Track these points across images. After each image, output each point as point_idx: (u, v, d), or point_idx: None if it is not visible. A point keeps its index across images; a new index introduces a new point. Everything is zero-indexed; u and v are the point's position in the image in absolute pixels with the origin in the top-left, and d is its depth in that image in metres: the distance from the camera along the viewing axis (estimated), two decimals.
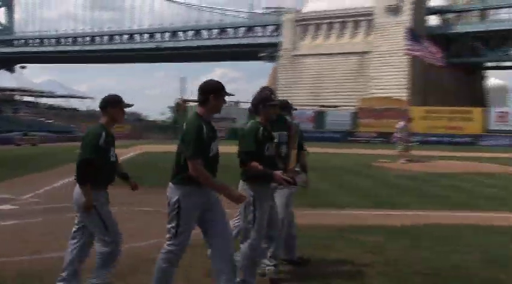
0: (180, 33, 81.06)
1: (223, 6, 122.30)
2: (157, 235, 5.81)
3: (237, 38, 75.60)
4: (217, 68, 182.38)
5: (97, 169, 3.79)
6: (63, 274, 3.91)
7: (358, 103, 52.81)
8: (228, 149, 6.42)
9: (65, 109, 74.75)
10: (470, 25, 61.39)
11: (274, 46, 69.27)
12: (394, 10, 60.59)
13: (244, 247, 4.04)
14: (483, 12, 63.35)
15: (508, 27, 57.87)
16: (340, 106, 55.44)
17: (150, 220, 7.15)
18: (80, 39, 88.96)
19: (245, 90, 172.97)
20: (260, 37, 74.28)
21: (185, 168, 3.53)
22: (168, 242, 3.64)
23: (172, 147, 4.05)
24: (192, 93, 62.56)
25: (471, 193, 10.78)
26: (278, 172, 3.95)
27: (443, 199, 9.87)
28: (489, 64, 66.90)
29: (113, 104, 3.99)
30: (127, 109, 4.26)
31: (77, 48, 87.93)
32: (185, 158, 3.53)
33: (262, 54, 68.94)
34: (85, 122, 45.63)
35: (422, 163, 18.69)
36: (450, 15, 63.92)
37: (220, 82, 3.71)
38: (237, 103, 74.11)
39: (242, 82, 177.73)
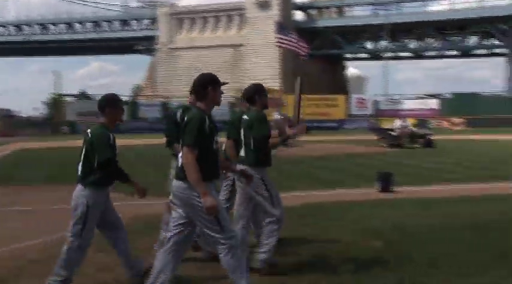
0: (51, 26, 75.54)
1: None
2: (39, 235, 5.51)
3: (112, 31, 72.45)
4: (94, 61, 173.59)
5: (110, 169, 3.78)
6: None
7: (235, 94, 53.66)
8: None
9: None
10: (331, 20, 65.46)
11: (151, 39, 67.59)
12: (264, 5, 62.32)
13: (269, 224, 4.23)
14: (341, 9, 67.82)
15: (362, 23, 62.57)
16: None
17: (29, 220, 6.60)
18: None
19: (123, 84, 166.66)
20: (136, 31, 71.97)
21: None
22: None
23: (51, 144, 3.74)
24: (67, 88, 58.72)
25: (347, 171, 11.51)
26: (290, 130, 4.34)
27: (317, 179, 10.43)
28: (348, 55, 71.86)
29: (111, 104, 3.91)
30: None
31: None
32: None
33: (138, 48, 66.85)
34: None
35: (301, 148, 19.48)
36: (313, 11, 67.39)
37: (214, 74, 3.62)
38: None
39: (120, 75, 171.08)
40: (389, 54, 63.90)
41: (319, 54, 61.01)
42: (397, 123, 21.61)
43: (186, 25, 67.55)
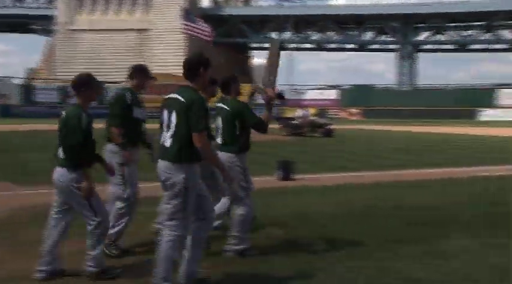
0: None
1: None
2: None
3: (4, 7, 66.69)
4: None
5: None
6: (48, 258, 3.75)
7: None
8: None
9: None
10: (236, 9, 65.68)
11: (49, 19, 63.22)
12: None
13: (241, 211, 4.37)
14: None
15: (267, 13, 63.58)
16: (121, 82, 53.82)
17: None
18: None
19: (18, 65, 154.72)
20: (32, 8, 66.89)
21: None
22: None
23: None
24: None
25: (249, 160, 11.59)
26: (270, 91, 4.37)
27: None
28: (253, 45, 72.65)
29: (87, 85, 3.83)
30: None
31: None
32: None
33: (34, 27, 62.22)
34: None
35: None
36: None
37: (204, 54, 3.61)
38: (9, 78, 65.76)
39: (14, 56, 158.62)
40: (293, 45, 65.68)
41: (225, 42, 61.09)
42: (299, 112, 22.31)
43: (87, 5, 64.01)
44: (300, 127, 21.46)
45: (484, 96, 50.26)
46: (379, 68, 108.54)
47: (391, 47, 65.05)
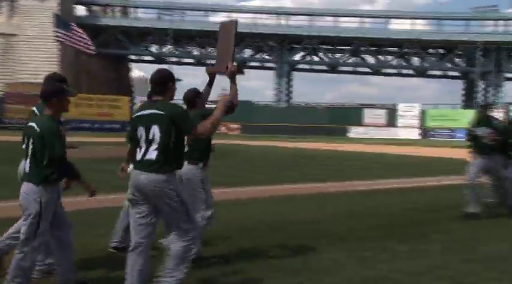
0: None
1: None
2: None
3: None
4: None
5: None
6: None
7: (5, 88, 47.75)
8: None
9: None
10: (114, 19, 63.65)
11: None
12: None
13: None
14: (125, 9, 66.53)
15: (146, 25, 62.51)
16: None
17: None
18: None
19: None
20: None
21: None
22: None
23: None
24: None
25: None
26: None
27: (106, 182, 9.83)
28: (133, 57, 70.79)
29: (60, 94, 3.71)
30: None
31: None
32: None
33: None
34: None
35: (82, 150, 18.24)
36: (97, 8, 64.52)
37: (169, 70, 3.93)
38: None
39: None
40: (173, 59, 65.20)
41: (104, 53, 58.65)
42: None
43: None
44: None
45: (352, 114, 54.32)
46: (258, 85, 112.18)
47: (269, 65, 67.66)
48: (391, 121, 52.82)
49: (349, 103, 58.88)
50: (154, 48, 67.48)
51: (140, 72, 78.43)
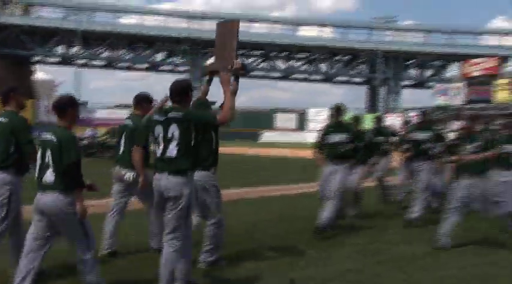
0: None
1: None
2: None
3: None
4: None
5: None
6: None
7: None
8: None
9: None
10: (14, 17, 59.35)
11: None
12: None
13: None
14: (26, 7, 62.33)
15: (52, 25, 59.09)
16: None
17: None
18: None
19: None
20: None
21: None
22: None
23: None
24: None
25: None
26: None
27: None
28: (37, 58, 66.61)
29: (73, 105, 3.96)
30: None
31: None
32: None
33: None
34: None
35: None
36: None
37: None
38: None
39: None
40: (82, 61, 62.28)
41: (3, 53, 54.63)
42: (87, 132, 21.10)
43: None
44: (89, 148, 20.29)
45: (265, 119, 55.22)
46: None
47: (182, 69, 66.87)
48: (302, 126, 54.44)
49: (261, 108, 59.82)
50: (60, 50, 63.93)
51: (45, 74, 74.00)
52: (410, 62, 66.03)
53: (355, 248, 5.97)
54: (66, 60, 64.72)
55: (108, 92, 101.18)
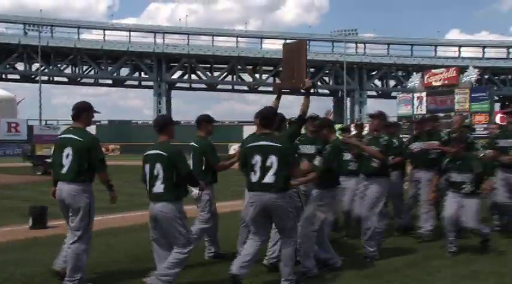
0: None
1: None
2: None
3: None
4: None
5: None
6: None
7: None
8: None
9: None
10: None
11: None
12: None
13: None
14: None
15: (14, 42, 57.55)
16: None
17: None
18: None
19: None
20: None
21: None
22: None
23: None
24: None
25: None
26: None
27: None
28: None
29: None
30: None
31: None
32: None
33: None
34: None
35: None
36: None
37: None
38: None
39: None
40: (44, 78, 60.79)
41: None
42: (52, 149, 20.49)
43: None
44: None
45: (234, 131, 55.03)
46: (137, 104, 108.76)
47: (147, 83, 66.17)
48: None
49: (229, 121, 59.66)
50: (21, 66, 62.25)
51: (5, 91, 71.66)
52: (373, 73, 67.47)
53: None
54: (27, 77, 63.03)
55: (71, 108, 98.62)
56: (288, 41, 6.30)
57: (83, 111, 4.65)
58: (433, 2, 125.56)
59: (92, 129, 4.89)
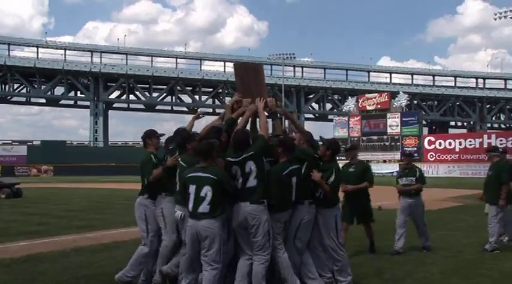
0: None
1: None
2: None
3: None
4: None
5: None
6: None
7: None
8: None
9: None
10: None
11: None
12: None
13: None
14: None
15: None
16: None
17: None
18: None
19: None
20: None
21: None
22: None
23: None
24: None
25: None
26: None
27: None
28: None
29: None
30: None
31: None
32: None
33: None
34: None
35: None
36: None
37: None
38: None
39: None
40: None
41: None
42: None
43: None
44: None
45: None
46: (72, 123, 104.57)
47: (84, 103, 64.09)
48: None
49: None
50: None
51: None
52: (311, 96, 69.22)
53: None
54: None
55: (1, 128, 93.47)
56: (238, 61, 6.27)
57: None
58: (366, 28, 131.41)
59: (23, 149, 4.58)
